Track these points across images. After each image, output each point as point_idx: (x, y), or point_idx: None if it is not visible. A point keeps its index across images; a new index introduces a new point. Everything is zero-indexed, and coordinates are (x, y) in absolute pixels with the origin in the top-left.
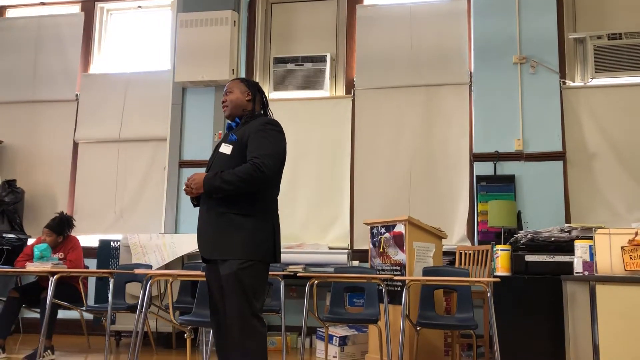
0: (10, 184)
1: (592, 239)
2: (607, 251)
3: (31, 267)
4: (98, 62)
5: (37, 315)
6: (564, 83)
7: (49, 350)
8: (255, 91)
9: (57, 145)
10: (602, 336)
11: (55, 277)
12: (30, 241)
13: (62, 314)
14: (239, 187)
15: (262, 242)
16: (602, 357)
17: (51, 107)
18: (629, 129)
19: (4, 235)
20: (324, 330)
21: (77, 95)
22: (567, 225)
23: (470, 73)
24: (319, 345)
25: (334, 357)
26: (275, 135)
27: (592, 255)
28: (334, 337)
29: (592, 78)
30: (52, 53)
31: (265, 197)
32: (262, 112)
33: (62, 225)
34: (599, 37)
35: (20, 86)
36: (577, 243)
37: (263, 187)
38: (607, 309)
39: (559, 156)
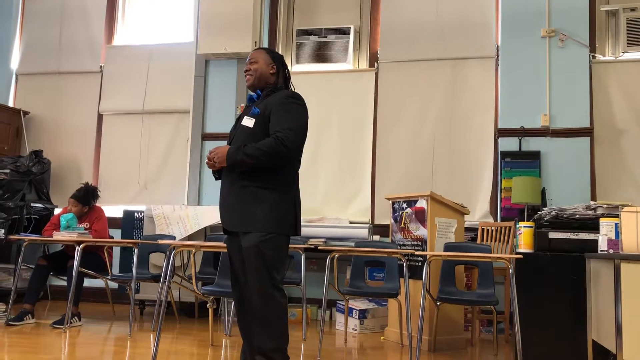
0: (37, 154)
1: (618, 217)
2: (634, 229)
3: (58, 236)
4: (122, 34)
5: (64, 283)
6: (594, 57)
7: (75, 317)
8: (280, 64)
9: (82, 117)
10: (626, 315)
11: (81, 246)
12: (57, 211)
13: (88, 283)
14: (262, 161)
15: (283, 215)
16: (625, 336)
17: (76, 79)
18: None
19: (32, 204)
20: (344, 303)
21: (101, 66)
22: (592, 202)
23: (497, 46)
24: (339, 317)
25: (353, 329)
26: (298, 109)
27: (617, 233)
28: (354, 310)
29: (623, 52)
30: (77, 24)
31: (287, 170)
32: (284, 85)
33: (87, 196)
34: (633, 10)
35: (45, 57)
36: (603, 221)
37: (286, 161)
38: (632, 288)
39: (586, 132)
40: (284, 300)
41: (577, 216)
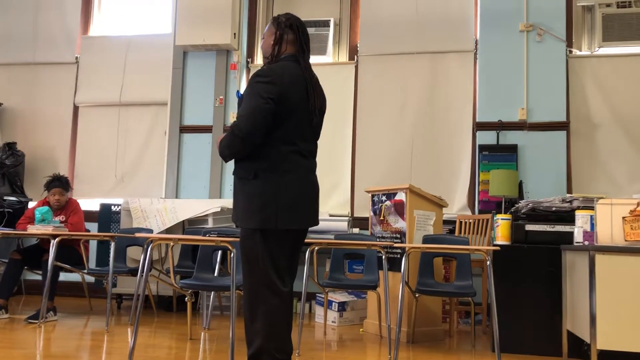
0: (11, 146)
1: (593, 209)
2: (608, 221)
3: (32, 229)
4: (98, 24)
5: (39, 277)
6: (571, 52)
7: (51, 312)
8: (284, 29)
9: (58, 108)
10: (600, 305)
11: (56, 240)
12: (31, 204)
13: (63, 277)
14: (231, 153)
15: (260, 208)
16: (598, 326)
17: (51, 70)
18: (635, 99)
19: (5, 198)
20: (323, 296)
21: (77, 57)
22: (568, 195)
23: (476, 40)
24: (319, 310)
25: (332, 322)
26: (257, 89)
27: (592, 225)
28: (333, 303)
29: (599, 47)
30: (52, 14)
31: (270, 155)
32: (300, 49)
33: (68, 183)
34: (608, 5)
35: (19, 48)
36: (578, 213)
37: (248, 148)
38: (606, 279)
39: (563, 126)
40: (276, 300)
41: (554, 209)
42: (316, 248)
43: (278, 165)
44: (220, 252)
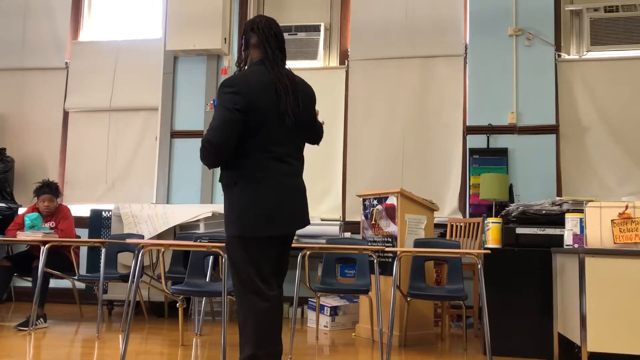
0: (0, 152)
1: (582, 212)
2: (598, 224)
3: (22, 236)
4: (88, 29)
5: (29, 284)
6: (559, 56)
7: (41, 319)
8: (248, 32)
9: (47, 114)
10: (590, 308)
11: (46, 246)
12: (21, 210)
13: (54, 283)
14: (208, 163)
15: (239, 215)
16: (589, 328)
17: (41, 75)
18: (623, 103)
19: None
20: (315, 301)
21: (66, 63)
22: (558, 198)
23: (465, 45)
24: (311, 315)
25: (325, 326)
26: (223, 100)
27: (582, 228)
28: (326, 307)
29: (587, 51)
30: (41, 19)
31: (246, 163)
32: (264, 53)
33: (57, 189)
34: (596, 10)
35: (8, 53)
36: (568, 216)
37: (221, 158)
38: (596, 281)
39: (553, 130)
40: (263, 305)
41: (544, 212)
42: (308, 252)
43: (254, 172)
44: (211, 257)
